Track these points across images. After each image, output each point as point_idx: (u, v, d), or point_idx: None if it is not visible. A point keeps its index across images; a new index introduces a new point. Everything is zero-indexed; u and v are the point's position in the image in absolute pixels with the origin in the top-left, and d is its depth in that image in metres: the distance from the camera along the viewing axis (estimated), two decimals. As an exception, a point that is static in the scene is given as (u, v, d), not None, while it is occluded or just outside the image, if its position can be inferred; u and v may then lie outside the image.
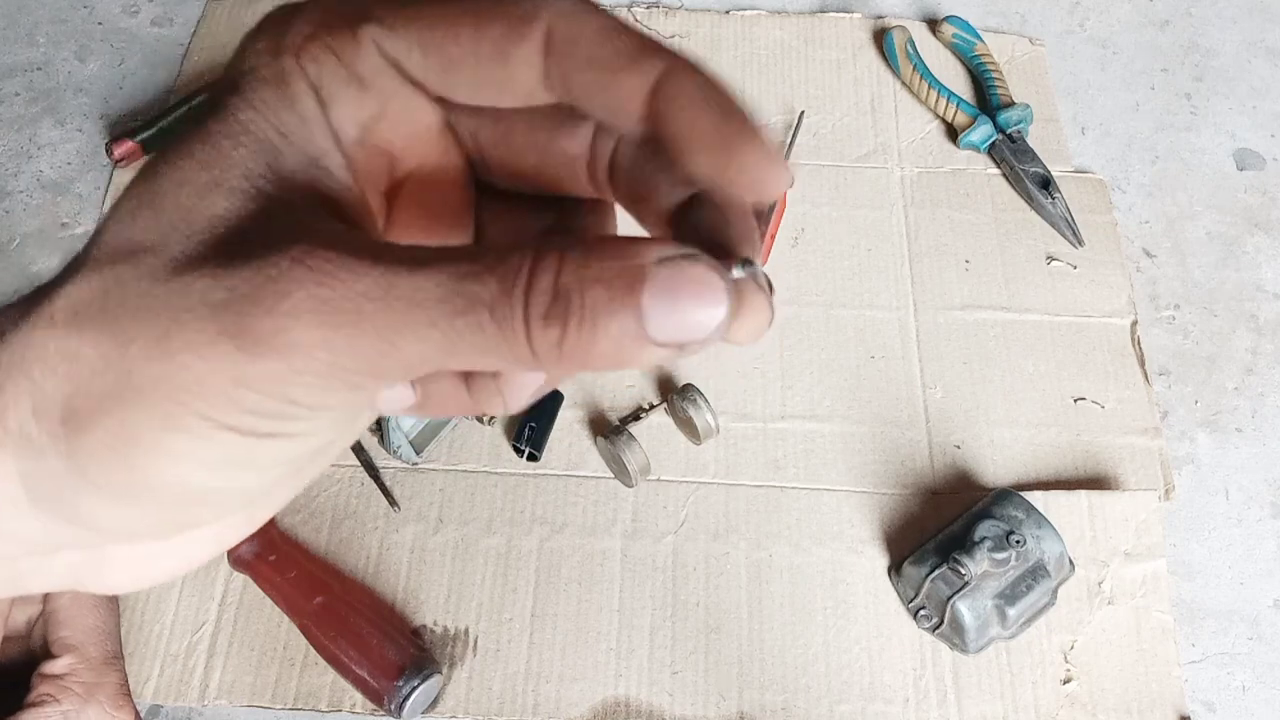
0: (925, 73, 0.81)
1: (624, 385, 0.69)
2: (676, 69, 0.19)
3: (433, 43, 0.20)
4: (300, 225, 0.19)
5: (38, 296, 0.19)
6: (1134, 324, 0.72)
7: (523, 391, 0.22)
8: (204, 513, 0.21)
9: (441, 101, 0.21)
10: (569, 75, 0.20)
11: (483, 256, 0.18)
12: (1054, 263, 0.74)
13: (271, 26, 0.20)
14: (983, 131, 0.78)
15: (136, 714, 0.48)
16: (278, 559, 0.60)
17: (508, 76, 0.20)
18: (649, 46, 0.19)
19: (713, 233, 0.21)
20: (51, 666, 0.46)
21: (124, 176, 0.77)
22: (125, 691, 0.48)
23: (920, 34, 0.85)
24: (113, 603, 0.51)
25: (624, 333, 0.18)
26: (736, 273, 0.19)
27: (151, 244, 0.19)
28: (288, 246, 0.18)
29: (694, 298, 0.18)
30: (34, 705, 0.44)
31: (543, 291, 0.18)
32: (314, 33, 0.20)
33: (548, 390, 0.22)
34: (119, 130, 0.78)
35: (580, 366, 0.18)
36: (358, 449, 0.65)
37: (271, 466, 0.20)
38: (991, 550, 0.57)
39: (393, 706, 0.56)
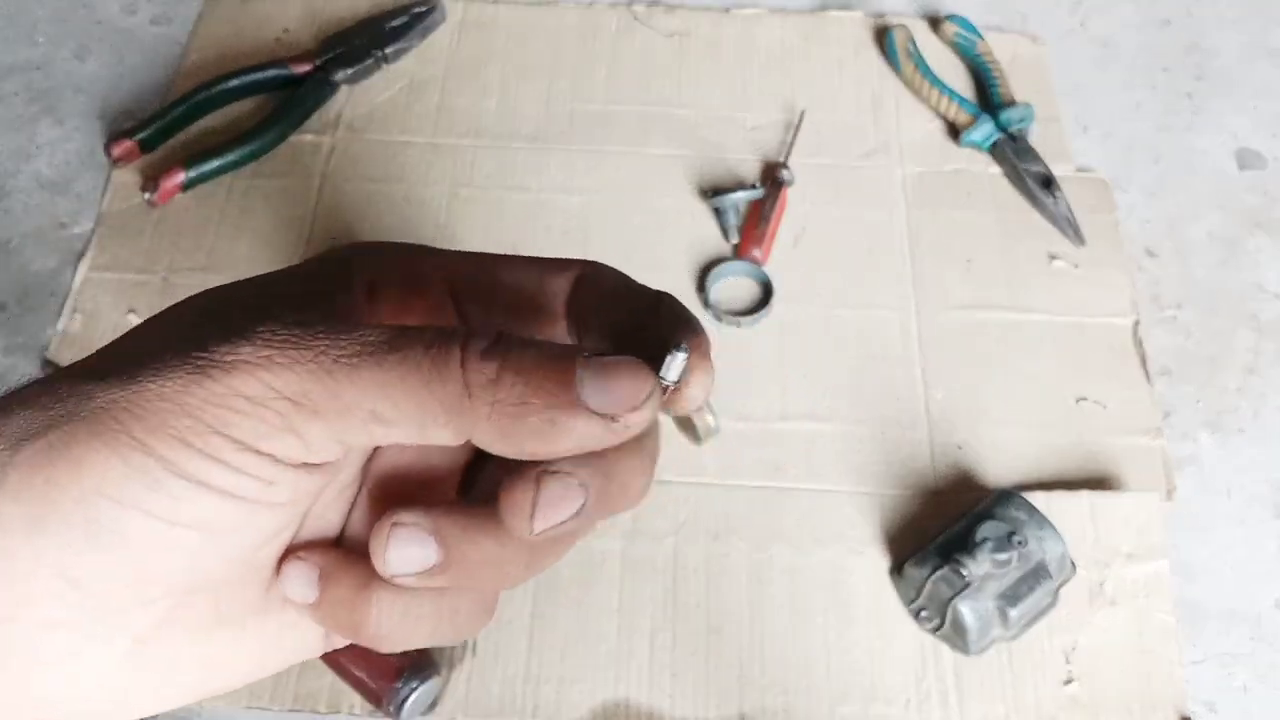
0: (926, 71, 0.81)
1: (624, 385, 0.68)
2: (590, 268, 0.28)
3: (484, 287, 0.26)
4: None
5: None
6: (1136, 324, 0.72)
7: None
8: (103, 583, 0.21)
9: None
10: (587, 322, 0.27)
11: (428, 326, 0.22)
12: (1056, 262, 0.74)
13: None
14: (984, 130, 0.78)
15: None
16: (276, 560, 0.60)
17: (540, 318, 0.27)
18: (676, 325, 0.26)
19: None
20: None
21: (122, 176, 0.76)
22: None
23: (921, 32, 0.85)
24: None
25: (559, 390, 0.21)
26: (679, 353, 0.23)
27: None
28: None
29: (627, 372, 0.22)
30: None
31: (484, 337, 0.21)
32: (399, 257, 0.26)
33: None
34: (118, 130, 0.78)
35: (513, 418, 0.21)
36: (357, 449, 0.65)
37: (189, 544, 0.21)
38: (993, 551, 0.57)
39: (391, 708, 0.56)
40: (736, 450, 0.66)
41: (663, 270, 0.73)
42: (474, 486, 0.27)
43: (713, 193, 0.75)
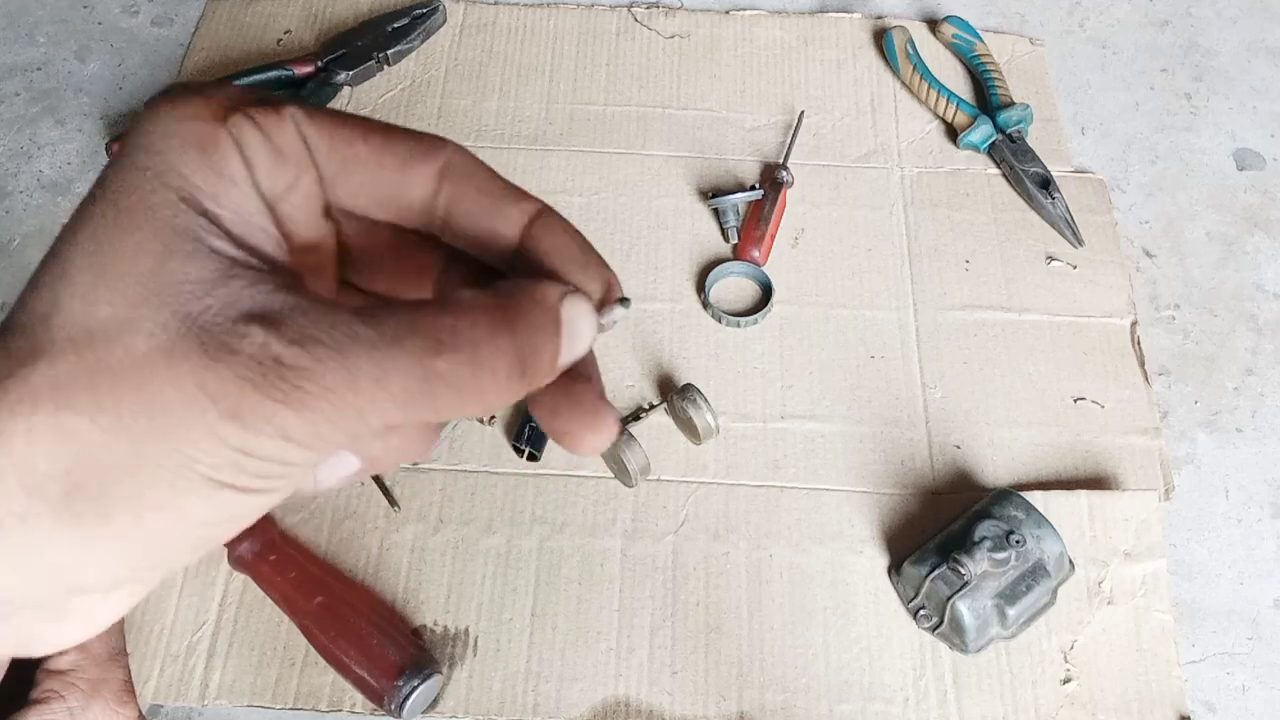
0: (925, 73, 0.81)
1: (624, 385, 0.69)
2: (546, 210, 0.25)
3: (343, 139, 0.23)
4: (258, 289, 0.20)
5: None
6: (1134, 324, 0.72)
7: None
8: (190, 556, 0.22)
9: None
10: (460, 199, 0.24)
11: (422, 312, 0.21)
12: (1054, 263, 0.74)
13: (186, 96, 0.21)
14: (982, 131, 0.78)
15: (140, 711, 0.48)
16: (278, 559, 0.60)
17: (403, 188, 0.24)
18: (523, 191, 0.25)
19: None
20: (56, 662, 0.46)
21: (124, 176, 0.77)
22: (129, 688, 0.48)
23: (920, 34, 0.85)
24: None
25: (552, 356, 0.22)
26: (620, 307, 0.25)
27: (124, 320, 0.20)
28: (262, 326, 0.20)
29: (589, 321, 0.23)
30: (39, 701, 0.44)
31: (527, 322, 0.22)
32: (236, 104, 0.21)
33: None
34: (119, 130, 0.78)
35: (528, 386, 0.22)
36: (358, 449, 0.65)
37: (258, 511, 0.22)
38: (991, 550, 0.57)
39: (393, 706, 0.56)
40: (736, 450, 0.66)
41: (663, 270, 0.74)
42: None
43: (712, 194, 0.75)
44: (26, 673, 0.46)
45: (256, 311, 0.20)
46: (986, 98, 0.81)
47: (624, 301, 0.25)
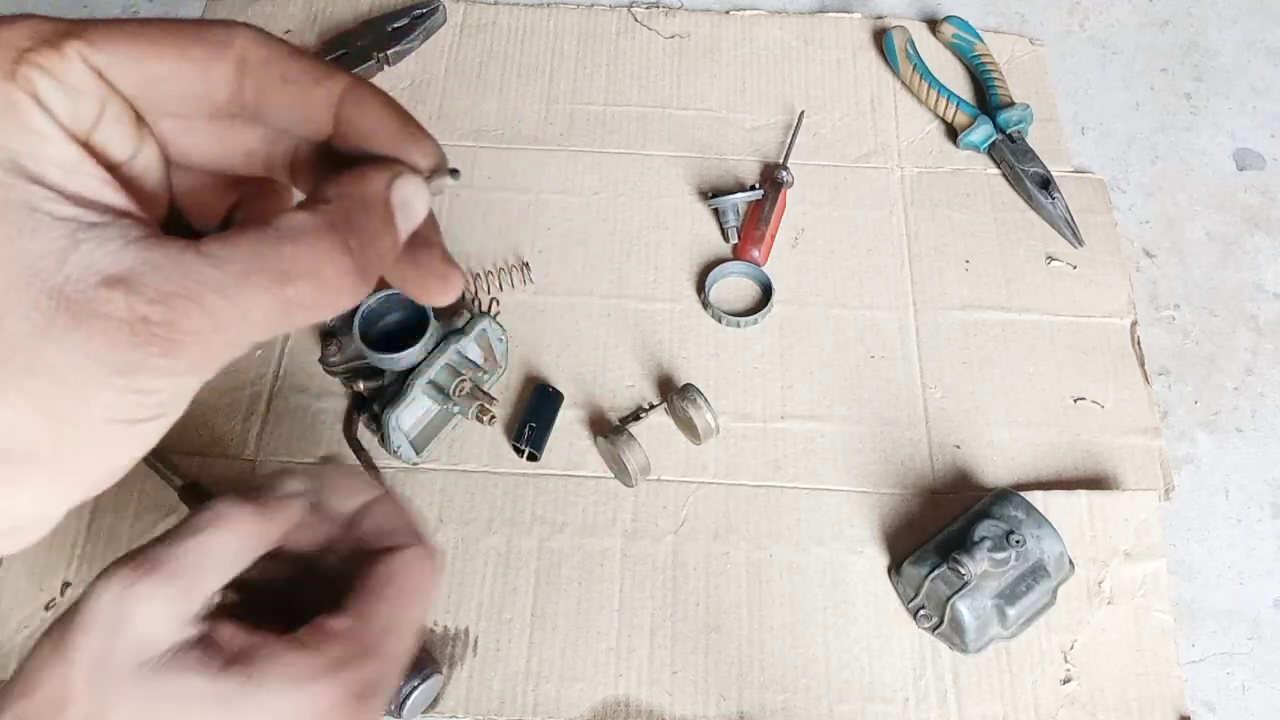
0: (925, 73, 0.81)
1: (624, 385, 0.69)
2: (353, 85, 0.25)
3: (135, 58, 0.23)
4: (107, 249, 0.21)
5: None
6: (1134, 324, 0.72)
7: None
8: (107, 482, 0.24)
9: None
10: (265, 90, 0.24)
11: (264, 244, 0.22)
12: (1054, 263, 0.74)
13: None
14: (983, 131, 0.78)
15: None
16: (278, 559, 0.60)
17: (206, 92, 0.24)
18: (327, 67, 0.25)
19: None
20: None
21: (124, 177, 0.77)
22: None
23: (920, 34, 0.85)
24: None
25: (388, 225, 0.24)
26: (448, 178, 0.26)
27: None
28: (122, 290, 0.21)
29: (420, 196, 0.25)
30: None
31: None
32: (19, 55, 0.22)
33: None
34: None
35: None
36: (357, 449, 0.65)
37: (165, 427, 0.24)
38: (991, 550, 0.57)
39: (393, 706, 0.56)
40: (736, 450, 0.66)
41: (662, 270, 0.74)
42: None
43: (712, 194, 0.75)
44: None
45: (113, 275, 0.21)
46: (986, 98, 0.81)
47: (453, 173, 0.26)
